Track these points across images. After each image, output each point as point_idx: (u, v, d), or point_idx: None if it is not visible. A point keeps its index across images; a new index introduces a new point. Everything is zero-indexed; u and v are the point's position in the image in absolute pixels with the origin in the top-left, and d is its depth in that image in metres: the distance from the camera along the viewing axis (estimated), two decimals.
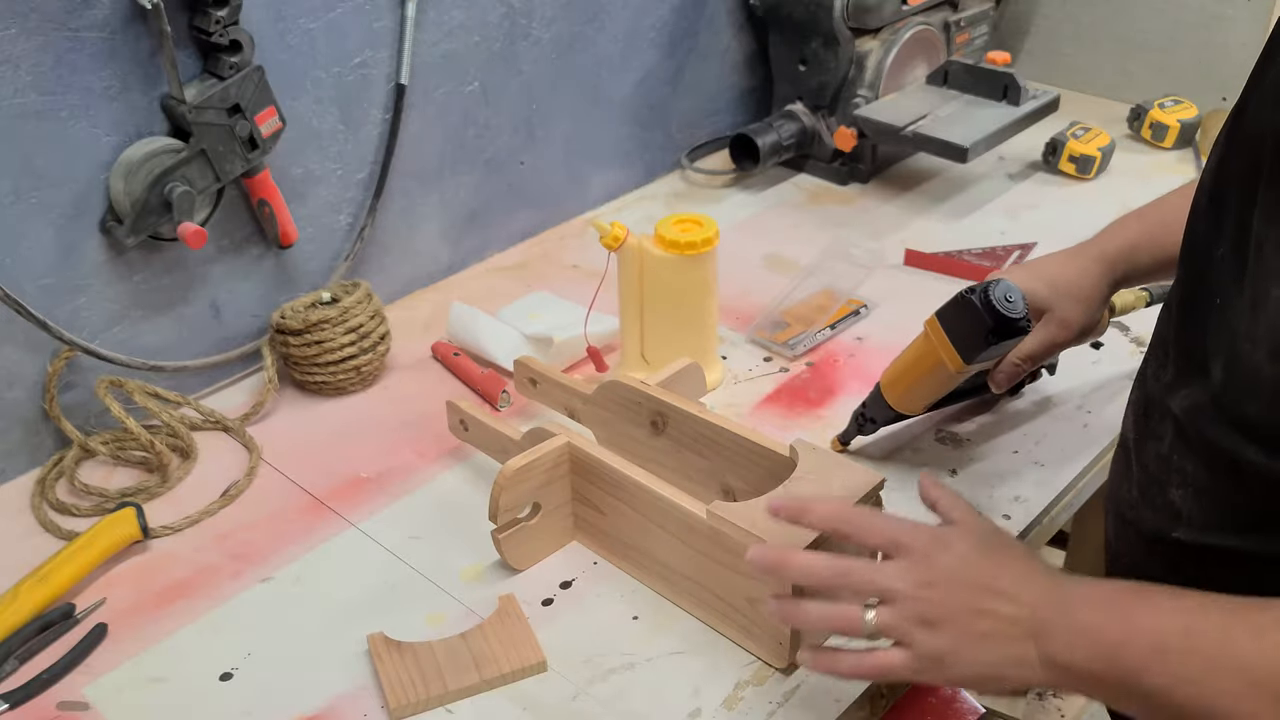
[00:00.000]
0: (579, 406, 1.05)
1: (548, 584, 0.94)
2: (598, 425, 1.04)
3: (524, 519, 0.93)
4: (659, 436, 0.99)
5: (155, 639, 0.90)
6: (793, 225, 1.51)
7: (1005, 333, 0.91)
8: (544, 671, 0.85)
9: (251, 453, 1.10)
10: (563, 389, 1.07)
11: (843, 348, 1.24)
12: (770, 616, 0.79)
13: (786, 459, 0.89)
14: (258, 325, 1.23)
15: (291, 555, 0.98)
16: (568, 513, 0.96)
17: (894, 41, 1.55)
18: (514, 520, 0.93)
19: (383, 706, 0.83)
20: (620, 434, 1.02)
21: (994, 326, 0.91)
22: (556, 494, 0.95)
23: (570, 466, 0.94)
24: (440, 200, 1.36)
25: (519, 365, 1.11)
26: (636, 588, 0.93)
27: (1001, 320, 0.90)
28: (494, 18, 1.32)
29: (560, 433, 0.95)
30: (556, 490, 0.95)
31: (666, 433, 0.99)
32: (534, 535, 0.94)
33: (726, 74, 1.67)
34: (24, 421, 1.07)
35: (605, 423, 1.03)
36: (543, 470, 0.93)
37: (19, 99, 0.97)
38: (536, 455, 0.92)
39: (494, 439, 1.02)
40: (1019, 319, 0.91)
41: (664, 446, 0.99)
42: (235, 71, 1.07)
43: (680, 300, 1.12)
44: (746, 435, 0.93)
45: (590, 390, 1.04)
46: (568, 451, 0.94)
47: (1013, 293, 0.91)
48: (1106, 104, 1.77)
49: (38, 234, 1.02)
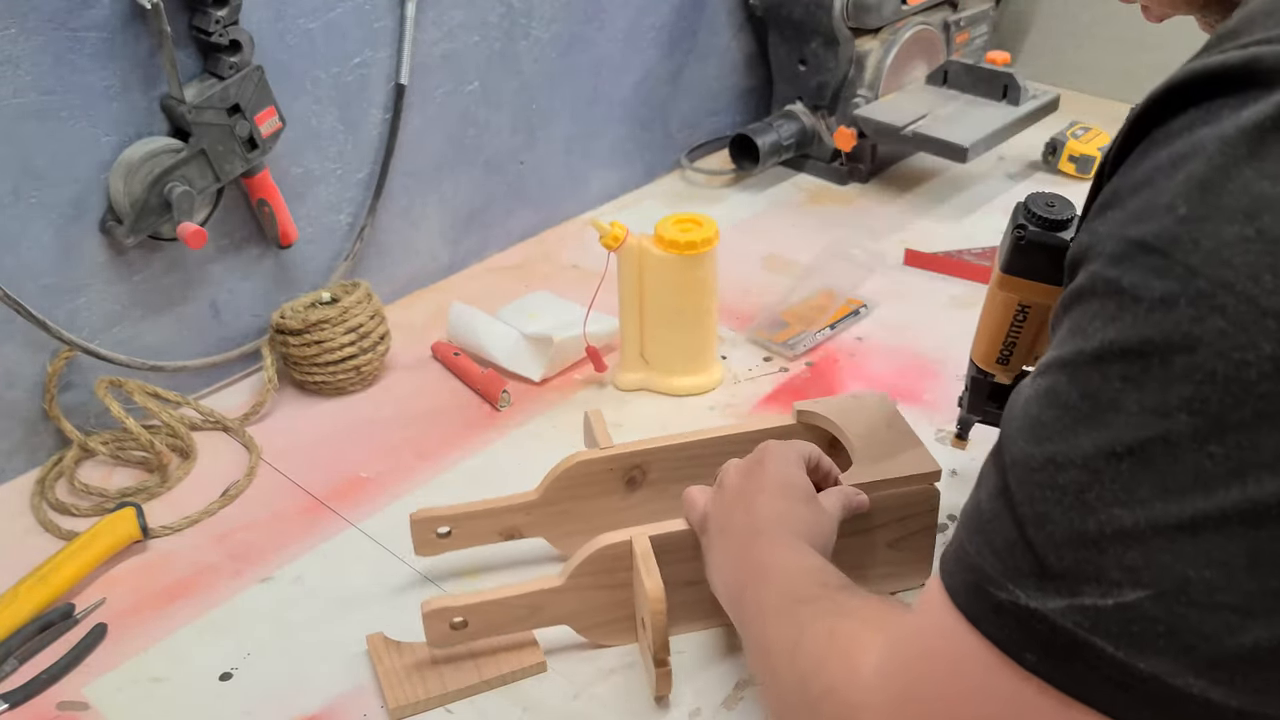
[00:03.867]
0: (522, 521, 0.91)
1: None
2: (550, 527, 0.92)
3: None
4: (637, 491, 0.93)
5: (155, 639, 0.90)
6: (793, 225, 1.51)
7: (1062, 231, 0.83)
8: (544, 671, 0.85)
9: (251, 453, 1.10)
10: (491, 515, 0.90)
11: (843, 348, 1.24)
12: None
13: (791, 428, 0.91)
14: (257, 325, 1.23)
15: (291, 555, 0.98)
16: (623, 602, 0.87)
17: (894, 41, 1.55)
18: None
19: (382, 706, 0.83)
20: (585, 517, 0.92)
21: (1054, 240, 0.82)
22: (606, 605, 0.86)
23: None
24: (440, 200, 1.36)
25: (416, 525, 0.90)
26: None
27: (1053, 223, 0.82)
28: (494, 18, 1.32)
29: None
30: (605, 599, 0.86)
31: (647, 481, 0.93)
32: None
33: (726, 74, 1.67)
34: (24, 421, 1.07)
35: (563, 515, 0.91)
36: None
37: (19, 99, 0.97)
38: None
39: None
40: (1068, 218, 0.83)
41: (644, 496, 0.93)
42: (235, 71, 1.07)
43: (680, 300, 1.12)
44: (748, 429, 0.93)
45: (536, 495, 0.90)
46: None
47: (1046, 198, 0.84)
48: (1106, 104, 1.77)
49: (38, 234, 1.02)
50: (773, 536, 0.74)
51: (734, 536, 0.77)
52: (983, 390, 0.93)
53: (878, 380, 1.18)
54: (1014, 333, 0.87)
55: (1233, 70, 0.44)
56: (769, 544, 0.74)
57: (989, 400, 0.94)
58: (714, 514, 0.80)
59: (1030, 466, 0.47)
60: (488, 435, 1.12)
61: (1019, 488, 0.47)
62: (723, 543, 0.78)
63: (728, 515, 0.79)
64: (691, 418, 1.14)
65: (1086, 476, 0.45)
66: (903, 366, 1.20)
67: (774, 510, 0.77)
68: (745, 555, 0.74)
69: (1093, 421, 0.45)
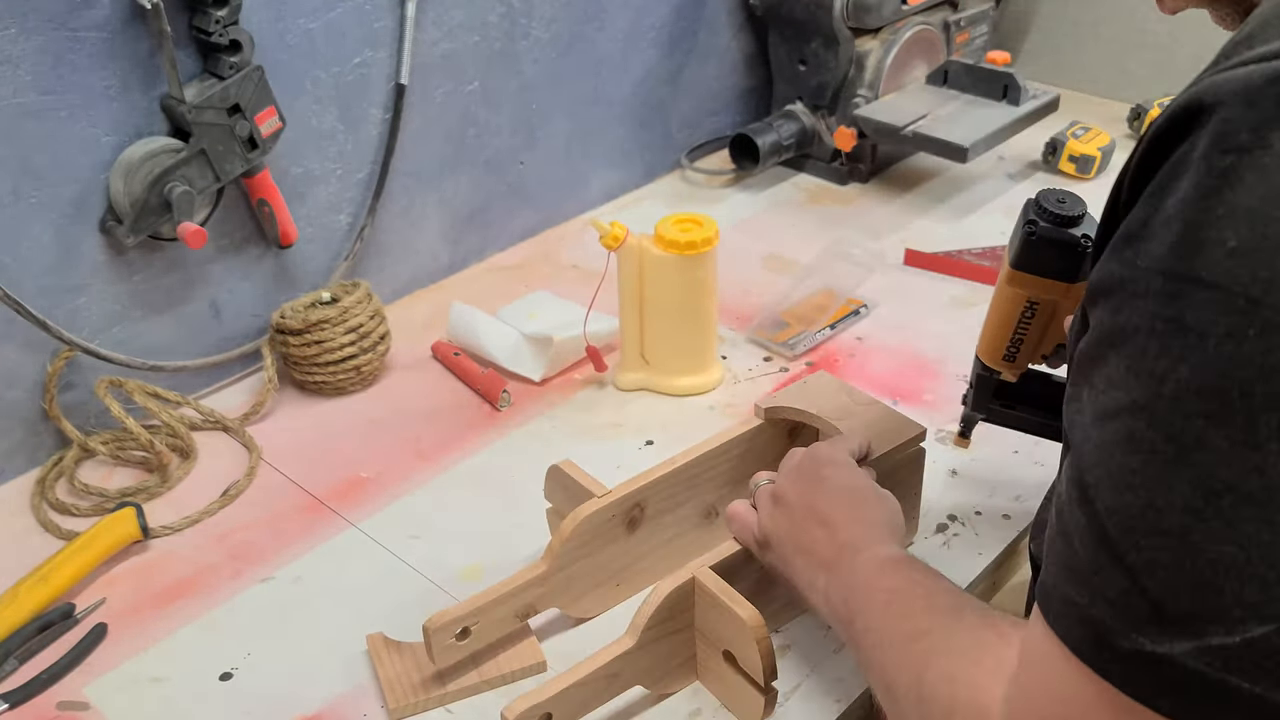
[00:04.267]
0: (535, 595, 0.85)
1: None
2: (562, 593, 0.87)
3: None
4: (637, 530, 0.90)
5: (155, 639, 0.90)
6: (793, 225, 1.51)
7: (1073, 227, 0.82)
8: (544, 671, 0.85)
9: (251, 453, 1.10)
10: (505, 600, 0.83)
11: (843, 348, 1.24)
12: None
13: (761, 427, 0.93)
14: (258, 325, 1.23)
15: (291, 555, 0.98)
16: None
17: (894, 41, 1.55)
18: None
19: (382, 706, 0.83)
20: (592, 573, 0.88)
21: (1065, 236, 0.81)
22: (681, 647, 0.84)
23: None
24: (440, 200, 1.36)
25: (435, 635, 0.81)
26: None
27: (1064, 220, 0.81)
28: (494, 18, 1.32)
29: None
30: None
31: (645, 519, 0.90)
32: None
33: (726, 74, 1.67)
34: (24, 421, 1.07)
35: (572, 579, 0.87)
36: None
37: (19, 99, 0.97)
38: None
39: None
40: (1079, 214, 0.82)
41: (643, 535, 0.90)
42: (235, 71, 1.07)
43: (680, 300, 1.12)
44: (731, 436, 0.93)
45: (545, 564, 0.85)
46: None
47: (1057, 194, 0.83)
48: (1106, 104, 1.77)
49: (38, 234, 1.02)
50: (871, 552, 0.72)
51: (822, 556, 0.75)
52: (988, 388, 0.93)
53: (878, 380, 1.18)
54: (1021, 329, 0.87)
55: (1254, 87, 0.44)
56: (868, 562, 0.71)
57: (994, 398, 0.93)
58: (782, 533, 0.78)
59: (1129, 514, 0.46)
60: (488, 435, 1.12)
61: (1122, 537, 0.46)
62: (806, 562, 0.76)
63: (803, 533, 0.77)
64: (691, 418, 1.14)
65: (1189, 519, 0.44)
66: (903, 366, 1.20)
67: (858, 520, 0.75)
68: (848, 579, 0.72)
69: (1183, 463, 0.44)
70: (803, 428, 0.97)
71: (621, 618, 0.84)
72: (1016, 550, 0.99)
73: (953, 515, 1.00)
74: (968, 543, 0.97)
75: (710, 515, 0.95)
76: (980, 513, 1.00)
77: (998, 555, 0.96)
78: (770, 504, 0.81)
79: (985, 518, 1.00)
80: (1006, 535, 0.98)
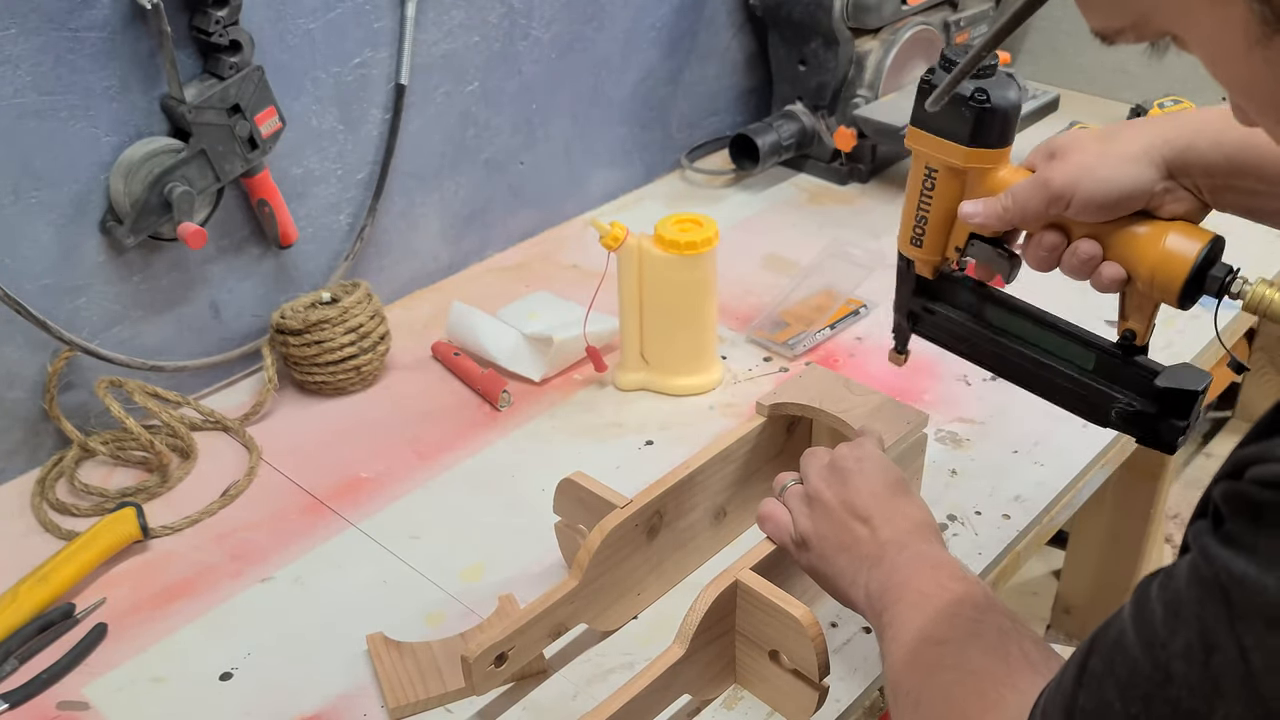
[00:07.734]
0: (565, 613, 0.83)
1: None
2: (591, 607, 0.86)
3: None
4: (656, 538, 0.89)
5: (155, 639, 0.90)
6: (792, 225, 1.51)
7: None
8: (544, 672, 0.85)
9: (251, 453, 1.10)
10: (539, 620, 0.82)
11: (842, 348, 1.24)
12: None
13: (764, 425, 0.94)
14: (258, 325, 1.23)
15: (291, 555, 0.98)
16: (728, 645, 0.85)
17: (894, 41, 1.55)
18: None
19: (382, 706, 0.83)
20: (617, 584, 0.87)
21: (973, 95, 0.75)
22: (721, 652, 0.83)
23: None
24: (440, 200, 1.36)
25: (475, 664, 0.78)
26: None
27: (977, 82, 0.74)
28: (494, 18, 1.32)
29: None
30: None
31: (664, 525, 0.89)
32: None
33: (726, 74, 1.67)
34: (24, 421, 1.07)
35: (600, 591, 0.86)
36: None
37: (19, 99, 0.97)
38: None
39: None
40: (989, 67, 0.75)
41: (661, 542, 0.90)
42: (235, 71, 1.07)
43: (680, 300, 1.12)
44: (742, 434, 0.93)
45: (576, 580, 0.83)
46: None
47: (963, 47, 0.75)
48: (1106, 104, 1.77)
49: (38, 234, 1.02)
50: (915, 550, 0.74)
51: (865, 552, 0.76)
52: (907, 282, 0.90)
53: (877, 380, 1.18)
54: (924, 205, 0.85)
55: None
56: (911, 560, 0.73)
57: (915, 296, 0.90)
58: (823, 532, 0.79)
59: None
60: (488, 435, 1.12)
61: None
62: (849, 560, 0.77)
63: (844, 531, 0.78)
64: (691, 417, 1.14)
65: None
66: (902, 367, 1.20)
67: (899, 516, 0.77)
68: (890, 574, 0.73)
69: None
70: (799, 421, 0.98)
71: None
72: (1016, 550, 0.99)
73: (953, 515, 1.00)
74: (968, 543, 0.97)
75: (719, 516, 0.95)
76: (980, 513, 1.00)
77: (998, 555, 0.96)
78: (804, 505, 0.81)
79: (985, 518, 1.00)
80: (1006, 535, 0.98)
